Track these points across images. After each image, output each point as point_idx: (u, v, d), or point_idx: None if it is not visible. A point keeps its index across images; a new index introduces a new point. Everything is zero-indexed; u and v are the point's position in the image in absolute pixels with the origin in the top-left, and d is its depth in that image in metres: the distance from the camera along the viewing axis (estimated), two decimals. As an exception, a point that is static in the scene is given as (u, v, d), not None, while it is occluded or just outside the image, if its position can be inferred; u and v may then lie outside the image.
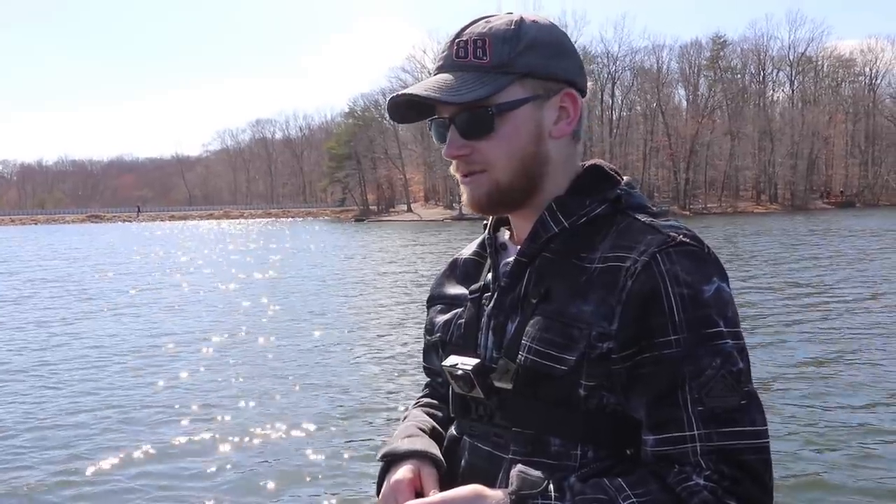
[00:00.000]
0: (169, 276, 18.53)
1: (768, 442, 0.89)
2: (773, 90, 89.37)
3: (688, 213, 64.57)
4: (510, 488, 0.88)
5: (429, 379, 1.27)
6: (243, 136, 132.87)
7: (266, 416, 6.00)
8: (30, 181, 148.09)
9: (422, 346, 1.23)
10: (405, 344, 8.75)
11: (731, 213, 67.51)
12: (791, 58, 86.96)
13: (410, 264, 20.57)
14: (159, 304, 13.10)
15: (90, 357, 8.50)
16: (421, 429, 1.11)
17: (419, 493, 0.98)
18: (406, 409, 1.23)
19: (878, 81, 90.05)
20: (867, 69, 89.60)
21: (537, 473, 0.90)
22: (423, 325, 1.23)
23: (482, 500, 0.88)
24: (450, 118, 1.01)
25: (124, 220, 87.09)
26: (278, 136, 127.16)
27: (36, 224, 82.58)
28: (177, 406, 6.35)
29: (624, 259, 0.93)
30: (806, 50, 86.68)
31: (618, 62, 79.87)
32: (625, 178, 1.07)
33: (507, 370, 0.98)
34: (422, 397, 1.26)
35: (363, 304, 12.60)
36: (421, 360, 1.25)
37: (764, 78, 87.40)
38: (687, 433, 0.88)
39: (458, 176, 1.05)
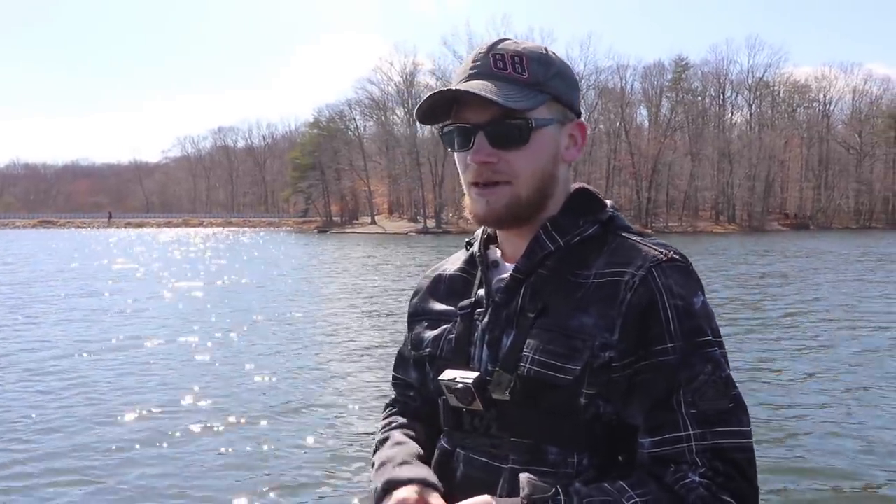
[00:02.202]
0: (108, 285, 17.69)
1: (752, 441, 0.96)
2: (732, 113, 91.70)
3: (650, 231, 64.55)
4: (522, 494, 0.91)
5: (395, 393, 1.27)
6: (204, 144, 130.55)
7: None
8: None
9: (390, 359, 1.28)
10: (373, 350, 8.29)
11: (691, 232, 68.63)
12: (749, 82, 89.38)
13: (386, 277, 20.08)
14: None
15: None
16: (410, 455, 1.11)
17: None
18: (385, 428, 1.21)
19: (832, 108, 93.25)
20: (821, 96, 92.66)
21: (545, 483, 0.93)
22: (404, 340, 1.24)
23: None
24: (480, 125, 1.04)
25: (77, 227, 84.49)
26: (241, 144, 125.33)
27: (-17, 228, 79.55)
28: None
29: (622, 274, 0.99)
30: (764, 75, 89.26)
31: (583, 81, 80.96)
32: (608, 201, 1.14)
33: (501, 381, 1.01)
34: (390, 416, 1.25)
35: (332, 318, 12.08)
36: (391, 373, 1.26)
37: (724, 101, 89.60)
38: (682, 433, 0.93)
39: (472, 186, 1.07)
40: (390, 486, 1.03)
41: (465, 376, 1.03)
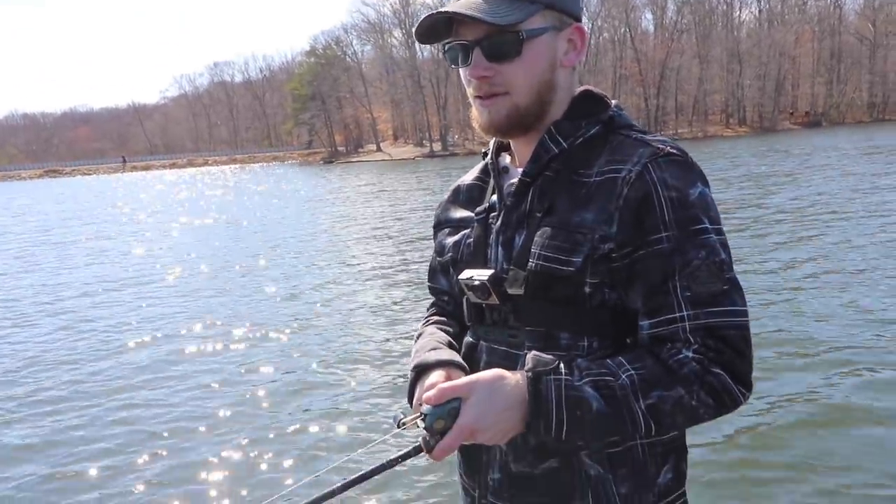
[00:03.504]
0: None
1: (748, 321, 1.03)
2: (741, 11, 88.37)
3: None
4: (526, 367, 1.01)
5: (434, 299, 1.39)
6: (201, 81, 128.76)
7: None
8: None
9: (426, 269, 1.32)
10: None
11: (701, 137, 67.54)
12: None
13: (402, 203, 20.13)
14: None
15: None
16: (441, 342, 1.22)
17: None
18: (423, 325, 1.34)
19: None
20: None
21: (549, 356, 1.02)
22: (433, 248, 1.33)
23: (503, 379, 0.99)
24: (476, 41, 1.09)
25: (84, 174, 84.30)
26: (238, 79, 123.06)
27: (-9, 182, 79.55)
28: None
29: (619, 170, 1.06)
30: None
31: (584, -13, 77.96)
32: (613, 101, 1.18)
33: (517, 278, 1.10)
34: (430, 316, 1.36)
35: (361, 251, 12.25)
36: (427, 281, 1.37)
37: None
38: (677, 314, 1.01)
39: (475, 99, 1.13)
40: (420, 368, 1.14)
41: (481, 274, 1.12)
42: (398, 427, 1.01)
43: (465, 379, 1.00)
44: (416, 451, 1.00)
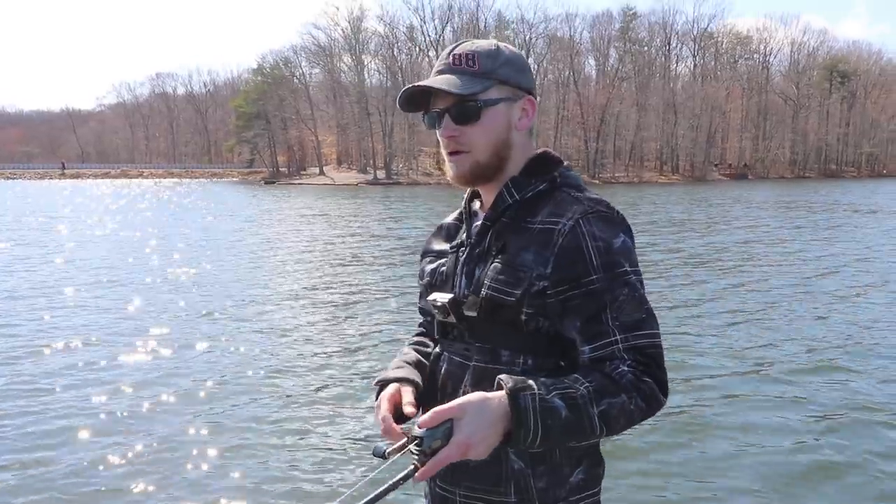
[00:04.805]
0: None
1: (661, 341, 1.28)
2: (677, 64, 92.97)
3: (597, 181, 66.55)
4: (507, 387, 1.15)
5: (422, 318, 1.63)
6: (142, 91, 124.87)
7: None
8: None
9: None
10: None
11: (637, 182, 70.16)
12: (694, 33, 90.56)
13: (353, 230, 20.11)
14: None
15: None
16: (406, 362, 1.48)
17: (398, 405, 1.34)
18: (406, 345, 1.59)
19: (771, 59, 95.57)
20: (761, 47, 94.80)
21: (519, 376, 1.20)
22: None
23: (488, 399, 1.14)
24: (445, 108, 1.37)
25: (7, 178, 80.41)
26: (180, 91, 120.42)
27: None
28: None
29: (557, 223, 1.31)
30: (708, 26, 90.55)
31: (532, 29, 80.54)
32: (565, 162, 1.44)
33: (474, 303, 1.35)
34: (416, 336, 1.62)
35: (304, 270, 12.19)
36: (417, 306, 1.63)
37: (669, 51, 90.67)
38: (612, 339, 1.25)
39: (446, 154, 1.41)
40: (382, 383, 1.42)
41: (443, 297, 1.38)
42: (385, 458, 1.12)
43: (455, 402, 1.13)
44: (412, 473, 1.09)
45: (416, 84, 1.37)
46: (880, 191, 46.88)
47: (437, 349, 1.48)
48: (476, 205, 1.52)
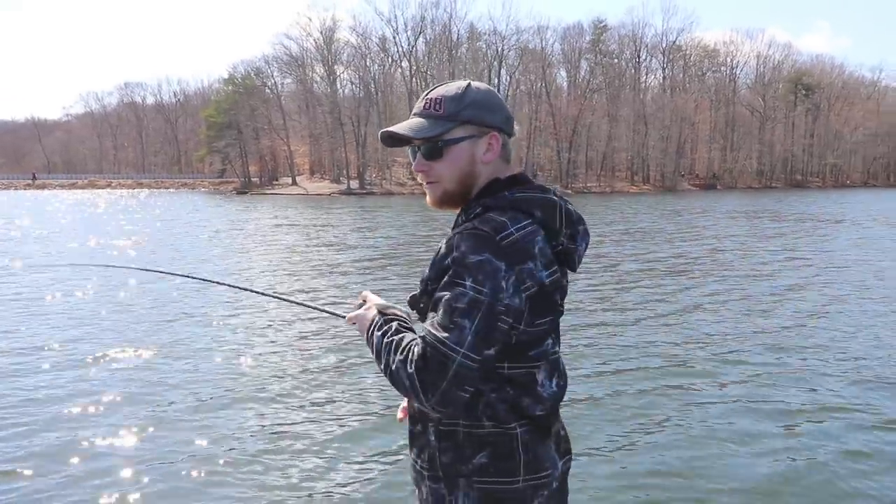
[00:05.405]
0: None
1: (444, 349, 1.45)
2: (647, 76, 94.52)
3: (570, 191, 67.15)
4: (381, 309, 1.67)
5: None
6: (110, 100, 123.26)
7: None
8: None
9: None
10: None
11: (608, 192, 71.04)
12: (664, 45, 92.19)
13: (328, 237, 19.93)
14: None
15: None
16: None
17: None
18: None
19: (738, 72, 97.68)
20: (728, 60, 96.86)
21: (404, 314, 1.66)
22: None
23: (372, 310, 1.67)
24: (417, 146, 1.64)
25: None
26: (150, 101, 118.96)
27: None
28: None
29: (451, 236, 1.55)
30: (676, 39, 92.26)
31: (505, 41, 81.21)
32: (537, 180, 1.67)
33: (416, 299, 1.65)
34: None
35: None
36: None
37: (639, 64, 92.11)
38: (427, 325, 1.51)
39: (423, 183, 1.68)
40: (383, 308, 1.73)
41: (414, 291, 1.67)
42: (344, 317, 1.80)
43: (371, 302, 1.72)
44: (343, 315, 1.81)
45: (386, 129, 1.62)
46: (843, 200, 48.15)
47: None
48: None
